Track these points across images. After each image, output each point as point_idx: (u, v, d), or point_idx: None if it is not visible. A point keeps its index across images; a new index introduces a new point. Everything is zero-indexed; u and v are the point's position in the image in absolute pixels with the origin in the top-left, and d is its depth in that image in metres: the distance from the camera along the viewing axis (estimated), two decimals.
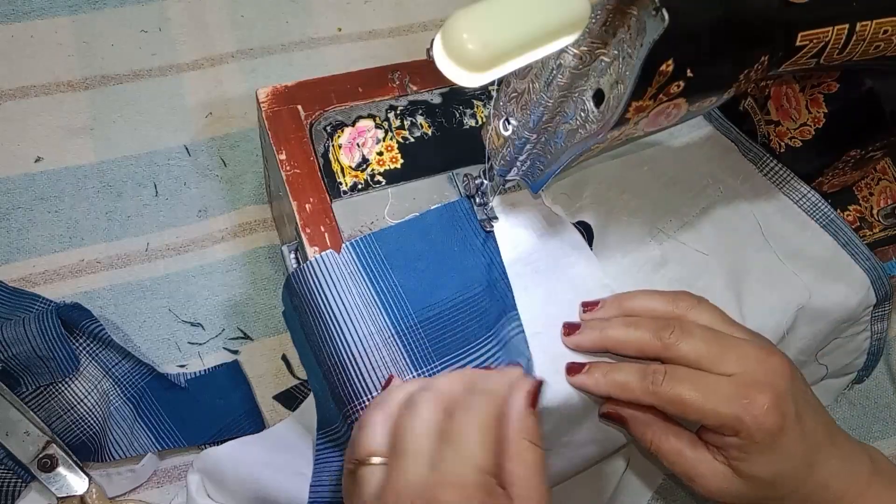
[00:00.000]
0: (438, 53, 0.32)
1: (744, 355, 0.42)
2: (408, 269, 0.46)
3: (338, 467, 0.44)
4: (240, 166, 0.64)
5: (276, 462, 0.48)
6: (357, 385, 0.42)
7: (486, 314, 0.45)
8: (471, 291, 0.46)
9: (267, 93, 0.51)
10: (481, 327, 0.45)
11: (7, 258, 0.58)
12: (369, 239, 0.46)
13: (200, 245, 0.60)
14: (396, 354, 0.43)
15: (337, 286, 0.44)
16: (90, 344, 0.53)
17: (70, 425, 0.51)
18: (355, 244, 0.46)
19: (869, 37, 0.41)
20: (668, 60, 0.34)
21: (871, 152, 0.53)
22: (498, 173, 0.47)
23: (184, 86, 0.66)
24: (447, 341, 0.44)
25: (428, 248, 0.47)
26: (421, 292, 0.45)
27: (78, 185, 0.61)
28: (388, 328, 0.44)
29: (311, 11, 0.71)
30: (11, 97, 0.63)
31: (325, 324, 0.44)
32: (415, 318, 0.44)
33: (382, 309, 0.44)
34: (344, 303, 0.44)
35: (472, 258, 0.47)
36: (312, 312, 0.44)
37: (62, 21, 0.66)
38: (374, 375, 0.42)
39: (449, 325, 0.44)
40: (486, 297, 0.46)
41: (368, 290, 0.45)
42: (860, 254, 0.52)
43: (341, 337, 0.43)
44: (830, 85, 0.51)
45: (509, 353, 0.44)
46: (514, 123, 0.44)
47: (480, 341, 0.45)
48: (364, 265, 0.45)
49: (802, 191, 0.53)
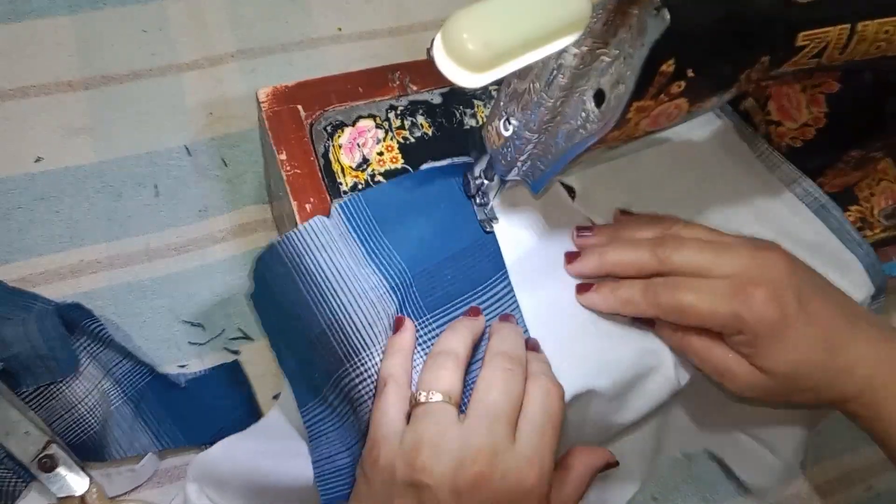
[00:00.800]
0: (438, 53, 0.32)
1: (737, 255, 0.43)
2: (397, 228, 0.46)
3: (335, 437, 0.44)
4: (240, 166, 0.64)
5: (272, 449, 0.48)
6: (355, 342, 0.43)
7: (475, 269, 0.46)
8: (459, 246, 0.47)
9: (267, 93, 0.51)
10: (471, 281, 0.46)
11: (7, 258, 0.58)
12: (357, 200, 0.47)
13: (200, 245, 0.60)
14: (390, 310, 0.44)
15: (328, 249, 0.45)
16: (90, 344, 0.53)
17: (70, 425, 0.51)
18: (344, 206, 0.47)
19: (870, 37, 0.41)
20: (669, 60, 0.34)
21: (872, 152, 0.53)
22: (498, 173, 0.47)
23: (184, 86, 0.66)
24: (438, 295, 0.45)
25: (415, 206, 0.48)
26: (411, 249, 0.46)
27: (78, 185, 0.61)
28: (382, 285, 0.44)
29: (311, 11, 0.71)
30: (11, 97, 0.63)
31: (318, 286, 0.44)
32: (407, 275, 0.45)
33: (374, 267, 0.45)
34: (336, 264, 0.44)
35: (460, 215, 0.48)
36: (303, 277, 0.44)
37: (62, 21, 0.66)
38: (371, 331, 0.43)
39: (440, 279, 0.45)
40: (474, 252, 0.47)
41: (359, 249, 0.45)
42: (851, 240, 0.52)
43: (335, 297, 0.43)
44: (831, 85, 0.51)
45: (500, 308, 0.46)
46: (514, 124, 0.44)
47: (470, 294, 0.46)
48: (354, 226, 0.46)
49: (793, 175, 0.53)
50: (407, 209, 0.47)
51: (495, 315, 0.45)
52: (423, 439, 0.37)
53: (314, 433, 0.45)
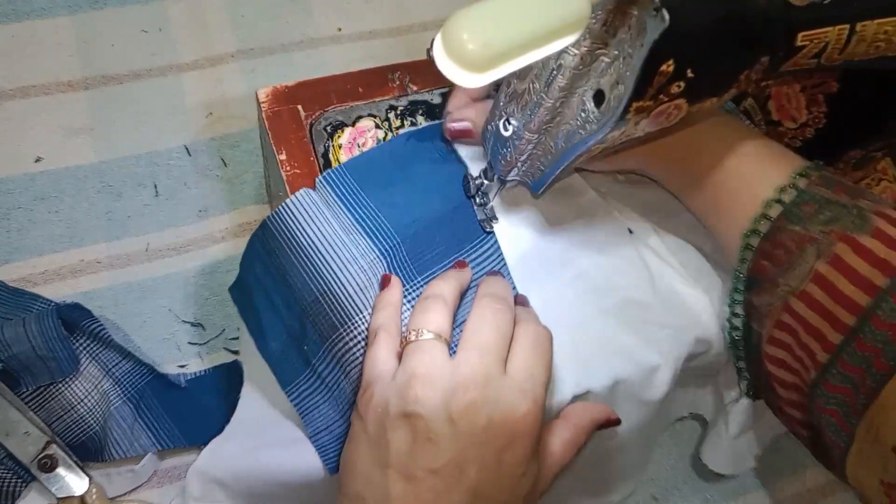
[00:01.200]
0: (438, 53, 0.32)
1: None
2: (382, 194, 0.47)
3: (328, 408, 0.44)
4: (240, 166, 0.64)
5: (266, 441, 0.48)
6: (348, 307, 0.43)
7: (463, 228, 0.47)
8: (446, 207, 0.47)
9: (267, 93, 0.51)
10: (459, 241, 0.47)
11: (7, 258, 0.58)
12: (341, 170, 0.48)
13: (200, 245, 0.60)
14: (381, 274, 0.45)
15: (316, 220, 0.45)
16: (90, 344, 0.53)
17: (70, 425, 0.51)
18: (327, 177, 0.47)
19: (870, 37, 0.41)
20: (668, 61, 0.34)
21: (871, 153, 0.53)
22: (498, 174, 0.47)
23: (184, 86, 0.66)
24: (427, 257, 0.46)
25: (399, 171, 0.48)
26: (398, 214, 0.46)
27: (78, 185, 0.61)
28: (372, 251, 0.45)
29: (311, 11, 0.71)
30: (11, 97, 0.63)
31: (308, 256, 0.45)
32: (396, 239, 0.46)
33: (363, 233, 0.46)
34: (325, 234, 0.45)
35: (442, 178, 0.49)
36: (294, 248, 0.45)
37: (62, 21, 0.66)
38: (363, 295, 0.43)
39: (427, 241, 0.46)
40: (462, 212, 0.48)
41: (347, 218, 0.46)
42: None
43: (326, 266, 0.44)
44: (831, 85, 0.51)
45: (489, 265, 0.47)
46: (514, 124, 0.44)
47: (458, 254, 0.46)
48: (340, 195, 0.47)
49: None
50: (390, 174, 0.48)
51: (483, 273, 0.46)
52: (416, 373, 0.38)
53: (305, 408, 0.45)
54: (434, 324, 0.40)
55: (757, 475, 0.61)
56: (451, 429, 0.37)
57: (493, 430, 0.37)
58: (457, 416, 0.37)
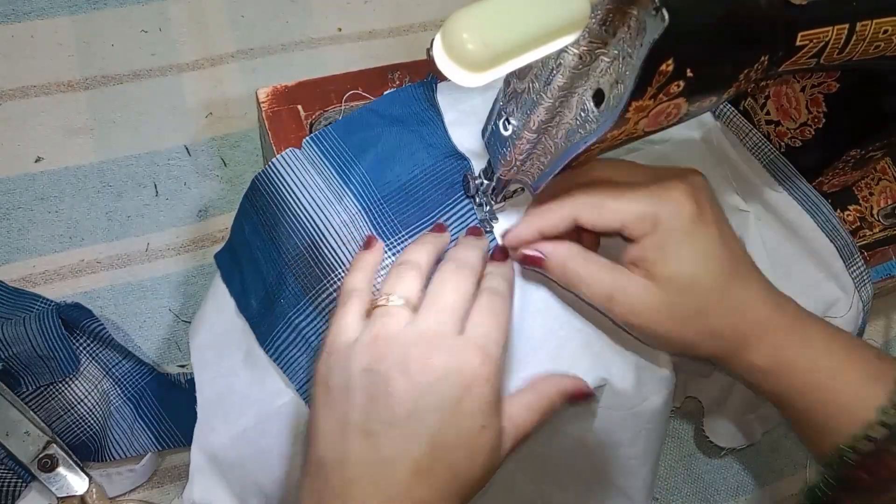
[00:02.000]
0: (438, 53, 0.32)
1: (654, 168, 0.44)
2: (367, 152, 0.48)
3: (307, 361, 0.45)
4: (240, 166, 0.64)
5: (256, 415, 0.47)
6: (331, 260, 0.45)
7: (448, 181, 0.48)
8: (427, 163, 0.48)
9: (267, 93, 0.51)
10: (444, 193, 0.47)
11: (7, 258, 0.58)
12: (326, 130, 0.48)
13: (200, 245, 0.60)
14: (365, 229, 0.45)
15: (301, 177, 0.46)
16: (90, 344, 0.53)
17: (70, 425, 0.51)
18: (314, 138, 0.48)
19: (869, 37, 0.41)
20: (668, 60, 0.34)
21: (871, 152, 0.53)
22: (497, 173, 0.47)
23: (184, 86, 0.66)
24: (410, 212, 0.46)
25: (384, 130, 0.49)
26: (381, 170, 0.47)
27: (78, 185, 0.61)
28: (354, 205, 0.46)
29: (311, 11, 0.71)
30: (11, 97, 0.63)
31: (293, 212, 0.46)
32: (378, 194, 0.46)
33: (347, 189, 0.46)
34: (309, 190, 0.46)
35: (426, 135, 0.49)
36: (279, 206, 0.46)
37: (62, 21, 0.66)
38: (346, 249, 0.45)
39: (411, 196, 0.47)
40: (446, 165, 0.48)
41: (331, 175, 0.47)
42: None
43: (310, 220, 0.45)
44: (830, 85, 0.51)
45: (471, 221, 0.47)
46: (514, 123, 0.44)
47: (444, 206, 0.47)
48: (324, 153, 0.48)
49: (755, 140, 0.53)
50: (375, 133, 0.49)
51: (468, 223, 0.47)
52: (378, 335, 0.39)
53: (285, 362, 0.46)
54: (405, 289, 0.41)
55: (757, 475, 0.61)
56: (407, 381, 0.37)
57: (449, 379, 0.38)
58: (413, 369, 0.38)
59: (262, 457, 0.47)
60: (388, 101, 0.51)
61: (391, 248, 0.46)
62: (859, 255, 0.53)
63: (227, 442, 0.48)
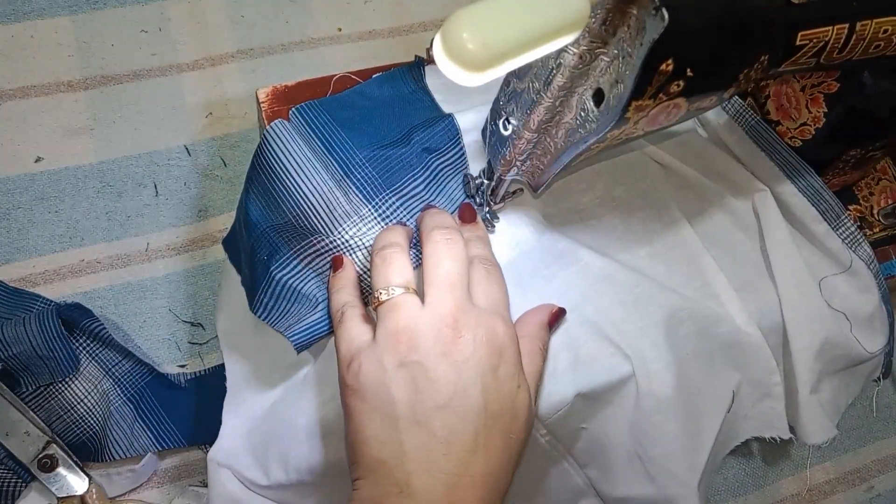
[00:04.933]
0: (438, 53, 0.32)
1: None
2: (351, 122, 0.49)
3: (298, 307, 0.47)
4: (240, 166, 0.64)
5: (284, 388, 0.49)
6: (316, 223, 0.46)
7: (432, 140, 0.49)
8: (410, 123, 0.50)
9: (267, 93, 0.51)
10: (426, 150, 0.48)
11: (7, 258, 0.58)
12: (313, 103, 0.50)
13: (200, 245, 0.60)
14: (350, 192, 0.46)
15: (289, 147, 0.48)
16: (90, 344, 0.53)
17: (70, 425, 0.51)
18: (301, 108, 0.49)
19: (869, 36, 0.41)
20: (667, 60, 0.34)
21: (871, 152, 0.53)
22: (497, 173, 0.47)
23: (184, 86, 0.66)
24: (394, 170, 0.47)
25: (370, 108, 0.51)
26: (366, 140, 0.48)
27: (78, 185, 0.61)
28: (338, 171, 0.47)
29: (311, 11, 0.71)
30: (11, 97, 0.63)
31: (282, 180, 0.47)
32: (360, 157, 0.47)
33: (331, 157, 0.47)
34: (296, 158, 0.47)
35: (410, 108, 0.51)
36: (269, 174, 0.48)
37: (62, 21, 0.66)
38: (332, 214, 0.46)
39: (394, 158, 0.48)
40: (427, 125, 0.49)
41: (318, 144, 0.48)
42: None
43: (297, 187, 0.46)
44: (830, 85, 0.51)
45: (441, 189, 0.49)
46: (513, 123, 0.44)
47: (427, 162, 0.48)
48: (310, 123, 0.49)
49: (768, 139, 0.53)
50: (360, 107, 0.51)
51: (455, 174, 0.49)
52: (398, 328, 0.39)
53: (275, 318, 0.47)
54: (399, 276, 0.41)
55: (757, 475, 0.61)
56: (445, 362, 0.38)
57: (482, 351, 0.39)
58: (447, 349, 0.38)
59: (289, 427, 0.47)
60: (376, 84, 0.53)
61: (376, 210, 0.46)
62: (846, 215, 0.53)
63: (259, 413, 0.49)
